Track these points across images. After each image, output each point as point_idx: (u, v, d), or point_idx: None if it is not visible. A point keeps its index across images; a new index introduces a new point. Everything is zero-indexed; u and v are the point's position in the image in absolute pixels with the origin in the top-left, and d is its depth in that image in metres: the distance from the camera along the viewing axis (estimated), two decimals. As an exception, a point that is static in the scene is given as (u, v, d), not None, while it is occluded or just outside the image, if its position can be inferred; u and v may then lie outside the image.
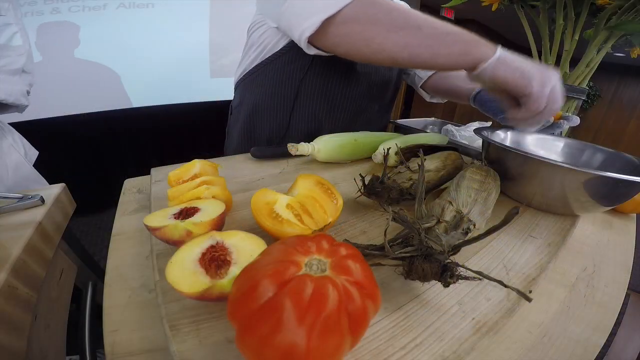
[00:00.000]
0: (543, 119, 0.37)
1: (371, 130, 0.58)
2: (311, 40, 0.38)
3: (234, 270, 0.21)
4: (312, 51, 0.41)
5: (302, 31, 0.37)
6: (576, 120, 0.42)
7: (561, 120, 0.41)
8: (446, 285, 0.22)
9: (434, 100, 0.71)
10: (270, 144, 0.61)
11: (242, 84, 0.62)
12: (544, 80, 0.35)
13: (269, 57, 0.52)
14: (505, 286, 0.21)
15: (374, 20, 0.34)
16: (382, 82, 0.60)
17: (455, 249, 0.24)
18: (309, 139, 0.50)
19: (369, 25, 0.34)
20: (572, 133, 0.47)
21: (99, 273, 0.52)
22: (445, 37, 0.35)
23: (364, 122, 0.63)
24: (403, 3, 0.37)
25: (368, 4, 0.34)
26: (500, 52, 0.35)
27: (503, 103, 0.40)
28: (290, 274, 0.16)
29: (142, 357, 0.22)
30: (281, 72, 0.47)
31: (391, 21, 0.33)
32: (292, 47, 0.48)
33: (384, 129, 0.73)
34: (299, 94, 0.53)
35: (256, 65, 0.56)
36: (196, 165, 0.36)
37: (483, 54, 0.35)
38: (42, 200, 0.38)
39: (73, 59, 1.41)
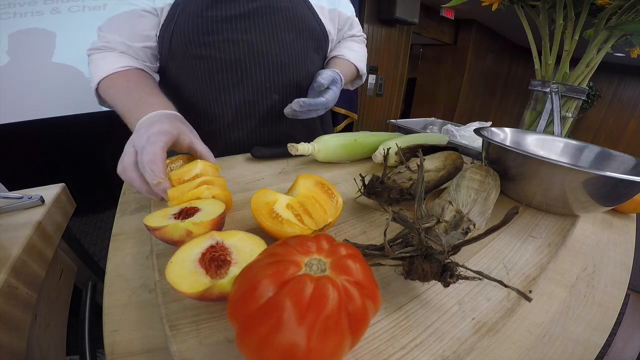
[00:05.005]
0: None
1: (294, 129, 0.62)
2: None
3: (234, 270, 0.21)
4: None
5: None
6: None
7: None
8: (446, 285, 0.22)
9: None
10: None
11: None
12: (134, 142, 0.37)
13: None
14: (505, 286, 0.21)
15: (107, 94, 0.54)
16: (275, 66, 0.56)
17: (455, 249, 0.24)
18: (202, 132, 0.46)
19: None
20: (572, 133, 0.47)
21: (99, 273, 0.52)
22: (138, 103, 0.48)
23: (266, 116, 0.58)
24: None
25: (108, 84, 0.53)
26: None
27: None
28: (290, 274, 0.16)
29: (142, 357, 0.22)
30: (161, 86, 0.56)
31: (111, 96, 0.53)
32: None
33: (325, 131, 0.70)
34: (177, 93, 0.58)
35: None
36: (197, 165, 0.36)
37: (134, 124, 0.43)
38: (42, 200, 0.38)
39: (73, 59, 1.41)
